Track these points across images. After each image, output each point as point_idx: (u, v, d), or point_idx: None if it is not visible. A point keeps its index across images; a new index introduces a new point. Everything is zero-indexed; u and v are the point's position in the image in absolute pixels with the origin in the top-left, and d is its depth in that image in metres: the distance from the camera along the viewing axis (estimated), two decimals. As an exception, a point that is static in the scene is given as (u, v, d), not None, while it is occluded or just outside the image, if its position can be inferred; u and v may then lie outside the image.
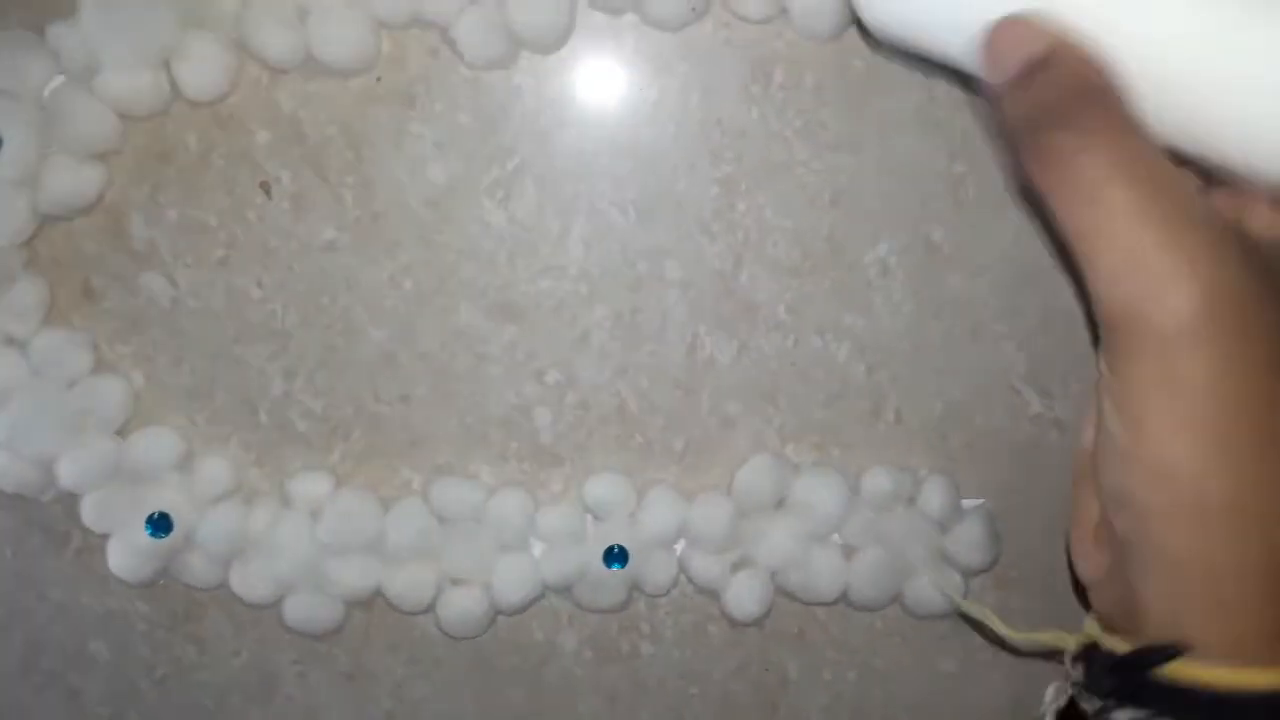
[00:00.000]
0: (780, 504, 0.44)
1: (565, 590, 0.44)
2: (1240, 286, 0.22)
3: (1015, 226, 0.43)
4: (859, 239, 0.43)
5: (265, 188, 0.41)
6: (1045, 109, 0.24)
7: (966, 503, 0.45)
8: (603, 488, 0.43)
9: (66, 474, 0.41)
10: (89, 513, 0.42)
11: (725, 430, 0.45)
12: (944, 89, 0.41)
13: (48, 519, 0.44)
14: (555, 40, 0.39)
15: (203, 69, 0.38)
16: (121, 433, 0.42)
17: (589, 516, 0.44)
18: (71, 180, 0.39)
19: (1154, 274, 0.22)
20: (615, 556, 0.43)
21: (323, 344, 0.43)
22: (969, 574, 0.45)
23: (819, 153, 0.42)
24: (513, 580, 0.43)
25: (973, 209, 0.43)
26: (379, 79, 0.40)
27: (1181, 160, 0.25)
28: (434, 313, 0.43)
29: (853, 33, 0.40)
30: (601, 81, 0.41)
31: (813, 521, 0.43)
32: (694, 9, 0.39)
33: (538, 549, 0.44)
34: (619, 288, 0.43)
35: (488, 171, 0.42)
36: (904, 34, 0.31)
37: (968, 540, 0.45)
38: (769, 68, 0.41)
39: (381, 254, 0.42)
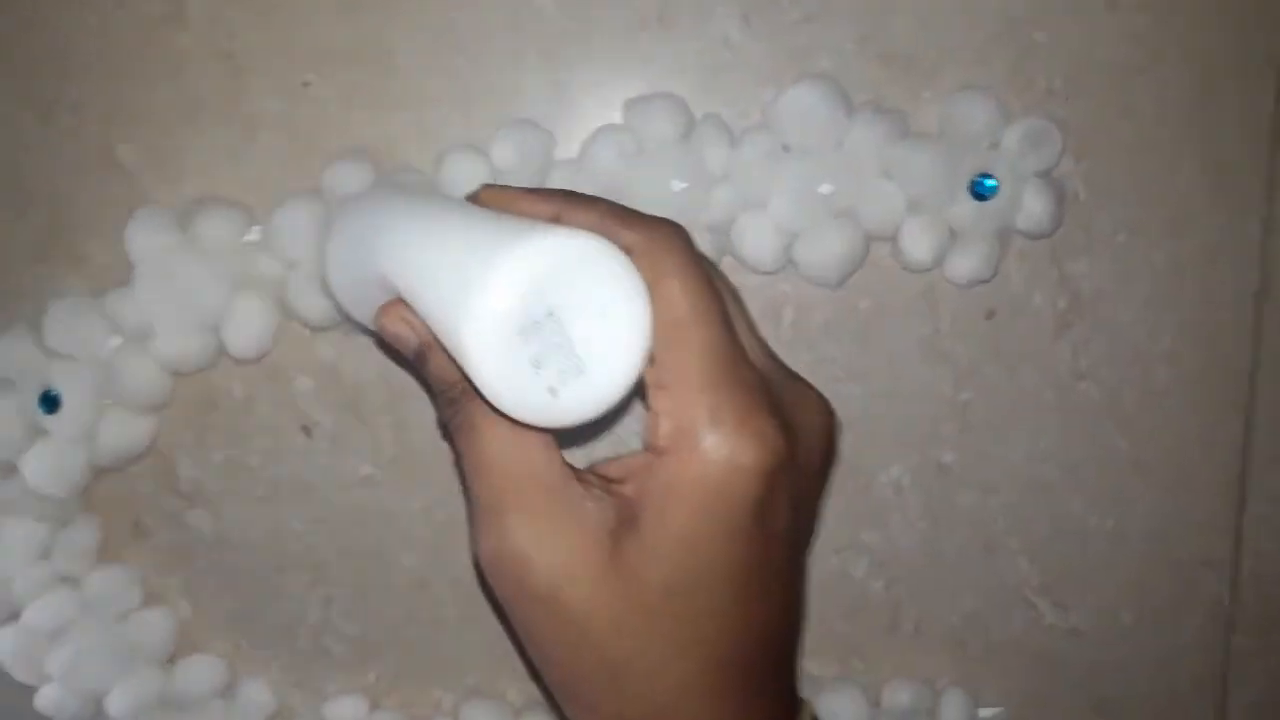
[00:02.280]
0: (803, 721, 0.45)
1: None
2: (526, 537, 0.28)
3: (1023, 447, 0.45)
4: (872, 461, 0.45)
5: (306, 430, 0.43)
6: (437, 386, 0.29)
7: (985, 712, 0.46)
8: (629, 707, 0.45)
9: (116, 707, 0.43)
10: (137, 742, 0.44)
11: (748, 646, 0.46)
12: (949, 323, 0.43)
13: (96, 744, 0.46)
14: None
15: (249, 331, 0.41)
16: (170, 660, 0.44)
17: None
18: (126, 433, 0.42)
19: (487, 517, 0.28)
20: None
21: (359, 572, 0.45)
22: (991, 782, 0.46)
23: (829, 384, 0.43)
24: (543, 800, 0.44)
25: (980, 432, 0.45)
26: (413, 329, 0.43)
27: None
28: (463, 540, 0.45)
29: (859, 276, 0.42)
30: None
31: (835, 738, 0.44)
32: (708, 263, 0.41)
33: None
34: (642, 511, 0.45)
35: (516, 407, 0.44)
36: (350, 313, 0.34)
37: (988, 750, 0.46)
38: (779, 308, 0.43)
39: (415, 487, 0.44)
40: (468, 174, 0.40)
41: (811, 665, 0.46)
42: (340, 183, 0.40)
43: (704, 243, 0.41)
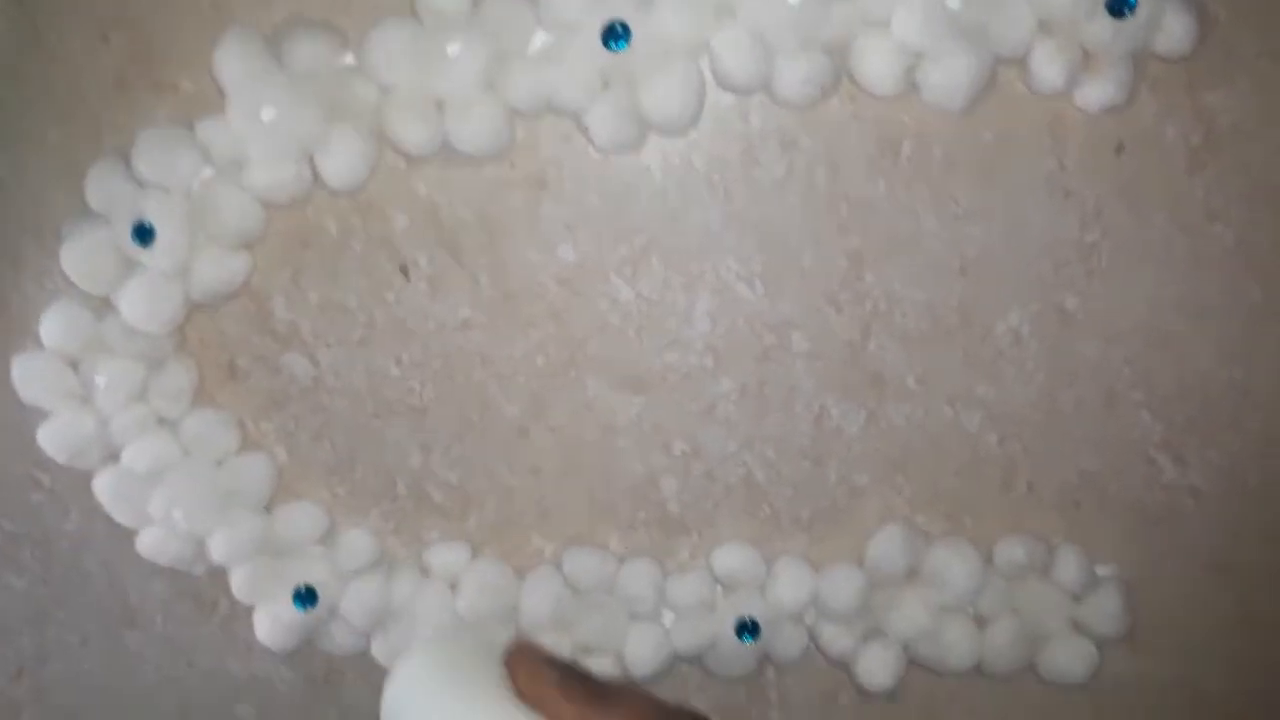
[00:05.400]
0: (912, 574, 0.44)
1: (696, 660, 0.44)
2: None
3: (1150, 293, 0.42)
4: (990, 308, 0.43)
5: (404, 270, 0.42)
6: None
7: (1100, 570, 0.45)
8: (732, 558, 0.44)
9: (217, 549, 0.43)
10: (238, 585, 0.43)
11: (854, 500, 0.44)
12: (1075, 158, 0.41)
13: (197, 588, 0.45)
14: (685, 123, 0.39)
15: (344, 160, 0.39)
16: (268, 507, 0.44)
17: (719, 586, 0.44)
18: (220, 269, 0.41)
19: None
20: (747, 629, 0.43)
21: (458, 418, 0.44)
22: (1103, 643, 0.45)
23: (947, 223, 0.42)
24: (645, 650, 0.44)
25: (1106, 276, 0.42)
26: (512, 164, 0.41)
27: None
28: (564, 387, 0.44)
29: (984, 105, 0.40)
30: (728, 160, 0.41)
31: (946, 593, 0.43)
32: (822, 88, 0.39)
33: (668, 619, 0.44)
34: (745, 360, 0.43)
35: (616, 250, 0.42)
36: None
37: (1102, 609, 0.44)
38: (896, 141, 0.41)
39: (514, 332, 0.43)
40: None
41: (920, 520, 0.45)
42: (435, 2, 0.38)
43: (820, 65, 0.38)
